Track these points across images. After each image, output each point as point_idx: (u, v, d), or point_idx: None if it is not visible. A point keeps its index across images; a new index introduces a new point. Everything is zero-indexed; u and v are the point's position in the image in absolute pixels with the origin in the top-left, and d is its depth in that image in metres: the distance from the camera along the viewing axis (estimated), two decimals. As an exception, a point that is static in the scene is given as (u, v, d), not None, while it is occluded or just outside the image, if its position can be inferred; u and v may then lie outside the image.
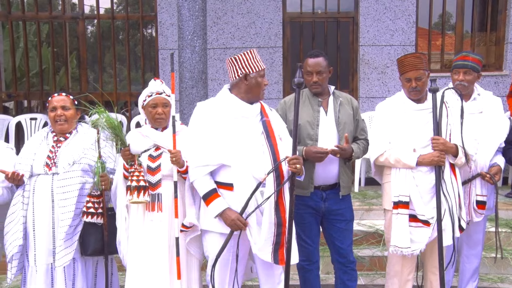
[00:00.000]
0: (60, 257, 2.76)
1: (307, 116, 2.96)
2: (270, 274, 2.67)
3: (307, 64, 2.98)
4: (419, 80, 2.88)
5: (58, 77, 8.96)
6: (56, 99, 2.92)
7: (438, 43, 6.56)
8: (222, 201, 2.54)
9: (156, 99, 2.75)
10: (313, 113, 2.97)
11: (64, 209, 2.76)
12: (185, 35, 4.68)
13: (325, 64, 2.98)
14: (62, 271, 2.80)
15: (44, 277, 2.80)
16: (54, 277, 2.81)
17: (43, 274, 2.80)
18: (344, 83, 6.28)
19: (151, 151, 2.76)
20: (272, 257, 2.53)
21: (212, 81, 6.12)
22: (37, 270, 2.80)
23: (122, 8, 11.32)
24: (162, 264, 2.70)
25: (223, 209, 2.52)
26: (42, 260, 2.80)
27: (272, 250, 2.53)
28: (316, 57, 2.97)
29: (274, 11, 6.18)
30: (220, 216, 2.53)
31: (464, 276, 3.47)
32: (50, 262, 2.81)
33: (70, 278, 2.83)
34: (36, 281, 2.80)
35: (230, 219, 2.49)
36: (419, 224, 2.87)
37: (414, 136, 2.91)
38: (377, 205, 4.82)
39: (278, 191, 2.52)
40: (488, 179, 3.11)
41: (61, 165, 2.81)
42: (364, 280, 4.05)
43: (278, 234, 2.51)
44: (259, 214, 2.53)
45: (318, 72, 2.95)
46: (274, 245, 2.52)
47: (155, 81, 2.80)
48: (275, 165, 2.51)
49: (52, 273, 2.82)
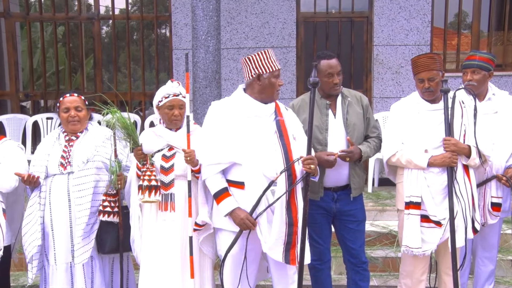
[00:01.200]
0: (78, 255, 2.81)
1: (315, 120, 2.87)
2: (283, 274, 2.67)
3: (325, 66, 2.89)
4: (432, 81, 2.86)
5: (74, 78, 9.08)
6: (69, 99, 2.94)
7: (454, 42, 6.48)
8: (232, 200, 2.55)
9: (173, 100, 2.76)
10: (321, 117, 2.93)
11: (80, 207, 2.80)
12: (199, 35, 4.70)
13: (340, 65, 2.95)
14: (81, 268, 2.84)
15: (64, 275, 2.85)
16: (73, 275, 2.86)
17: (63, 272, 2.85)
18: (358, 83, 6.25)
19: (164, 151, 2.78)
20: (283, 256, 2.54)
21: (225, 81, 6.15)
22: (58, 268, 2.84)
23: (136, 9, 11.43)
24: (175, 263, 2.72)
25: (232, 209, 2.53)
26: (62, 258, 2.84)
27: (284, 250, 2.53)
28: (331, 58, 2.91)
29: (288, 11, 6.17)
30: (230, 215, 2.54)
31: (480, 279, 3.42)
32: (70, 261, 2.85)
33: (89, 275, 2.88)
34: (57, 280, 2.84)
35: (239, 218, 2.51)
36: (431, 224, 2.85)
37: (426, 136, 2.89)
38: (391, 206, 4.79)
39: (290, 191, 2.52)
40: (504, 181, 3.07)
41: (75, 164, 2.85)
42: (377, 281, 4.02)
43: (289, 234, 2.51)
44: (270, 213, 2.53)
45: (338, 73, 2.91)
46: (285, 245, 2.52)
47: (172, 82, 2.81)
48: (288, 165, 2.51)
49: (72, 271, 2.86)
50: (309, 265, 3.06)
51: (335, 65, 2.90)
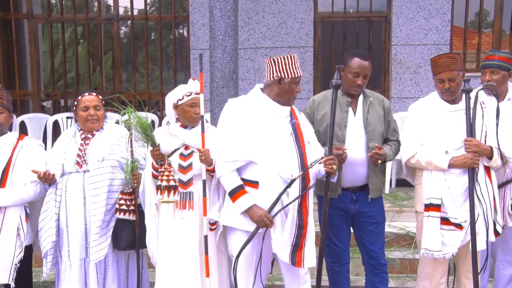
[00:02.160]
0: (94, 252, 2.84)
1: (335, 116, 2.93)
2: (295, 274, 2.67)
3: (355, 64, 2.86)
4: (453, 81, 2.82)
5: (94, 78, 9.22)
6: (88, 98, 2.98)
7: (474, 42, 6.37)
8: (249, 197, 2.55)
9: (196, 98, 2.77)
10: (341, 114, 2.92)
11: (95, 205, 2.84)
12: (216, 35, 4.72)
13: (371, 70, 2.92)
14: (94, 265, 2.89)
15: (78, 271, 2.90)
16: (87, 271, 2.91)
17: (77, 268, 2.90)
18: (375, 83, 6.20)
19: (181, 149, 2.80)
20: (290, 258, 2.54)
21: (242, 81, 6.16)
22: (71, 265, 2.90)
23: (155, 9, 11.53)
24: (193, 262, 2.74)
25: (250, 205, 2.53)
26: (76, 255, 2.89)
27: (291, 251, 2.54)
28: (366, 60, 2.88)
29: (305, 10, 6.16)
30: (247, 212, 2.54)
31: (500, 283, 3.36)
32: (83, 257, 2.90)
33: (102, 271, 2.92)
34: (71, 276, 2.90)
35: (258, 215, 2.51)
36: (452, 227, 2.81)
37: (447, 137, 2.85)
38: (408, 207, 4.74)
39: (303, 194, 2.52)
40: None
41: (91, 163, 2.89)
42: (395, 283, 3.98)
43: (298, 236, 2.52)
44: (283, 215, 2.54)
45: (365, 76, 2.89)
46: (292, 246, 2.53)
47: (193, 80, 2.83)
48: (311, 164, 2.51)
49: (85, 268, 2.92)
50: (327, 267, 3.06)
51: (365, 67, 2.87)
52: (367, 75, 2.90)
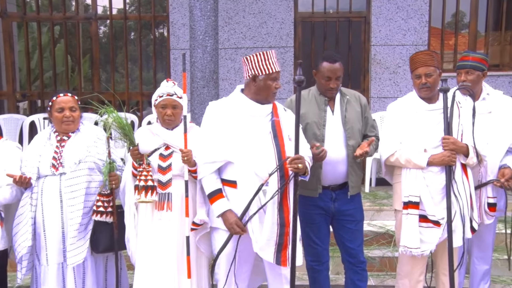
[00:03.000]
0: (72, 256, 2.79)
1: (313, 116, 2.93)
2: (277, 273, 2.67)
3: (325, 68, 2.88)
4: (429, 77, 2.86)
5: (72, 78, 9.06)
6: (63, 99, 2.91)
7: (451, 42, 6.49)
8: (225, 202, 2.56)
9: (166, 100, 2.77)
10: (319, 113, 2.93)
11: (73, 208, 2.79)
12: (196, 35, 4.70)
13: (343, 69, 2.93)
14: (72, 269, 2.84)
15: (56, 276, 2.85)
16: (65, 275, 2.86)
17: (55, 272, 2.84)
18: (355, 83, 6.25)
19: (161, 150, 2.78)
20: (274, 257, 2.53)
21: (223, 81, 6.14)
22: (49, 269, 2.84)
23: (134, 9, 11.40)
24: (171, 263, 2.72)
25: (224, 211, 2.54)
26: (54, 259, 2.84)
27: (275, 250, 2.53)
28: (335, 62, 2.88)
29: (286, 11, 6.17)
30: (221, 216, 2.56)
31: (475, 278, 3.43)
32: (61, 261, 2.85)
33: (80, 276, 2.87)
34: (49, 280, 2.84)
35: (229, 223, 2.53)
36: (430, 224, 2.85)
37: (425, 136, 2.89)
38: (388, 206, 4.79)
39: (282, 191, 2.51)
40: (499, 185, 3.07)
41: (67, 165, 2.84)
42: (375, 281, 4.02)
43: (281, 234, 2.51)
44: (262, 213, 2.53)
45: (337, 78, 2.90)
46: (277, 245, 2.52)
47: (167, 82, 2.82)
48: (277, 166, 2.50)
49: (63, 272, 2.86)
50: (307, 266, 3.07)
51: (335, 69, 2.88)
52: (339, 76, 2.91)
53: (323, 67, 2.90)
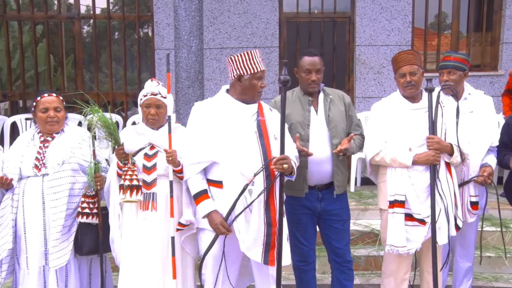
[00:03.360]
0: (54, 258, 2.75)
1: (297, 116, 2.94)
2: (264, 273, 2.67)
3: (305, 62, 2.94)
4: (413, 75, 2.89)
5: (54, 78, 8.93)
6: (48, 99, 2.87)
7: (434, 43, 6.57)
8: (210, 203, 2.56)
9: (150, 99, 2.76)
10: (303, 113, 2.95)
11: (55, 209, 2.75)
12: (181, 35, 4.67)
13: (322, 63, 2.98)
14: (54, 272, 2.79)
15: (37, 279, 2.79)
16: (46, 279, 2.81)
17: (36, 276, 2.79)
18: (340, 83, 6.29)
19: (146, 149, 2.76)
20: (262, 257, 2.53)
21: (208, 81, 6.12)
22: (29, 272, 2.79)
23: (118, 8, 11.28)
24: (155, 263, 2.70)
25: (209, 211, 2.54)
26: (35, 262, 2.79)
27: (263, 250, 2.52)
28: (314, 56, 2.94)
29: (271, 11, 6.18)
30: (207, 217, 2.55)
31: (458, 276, 3.48)
32: (42, 264, 2.80)
33: (63, 279, 2.83)
34: (29, 285, 2.78)
35: (214, 223, 2.52)
36: (415, 223, 2.88)
37: (409, 135, 2.92)
38: (373, 205, 4.83)
39: (269, 191, 2.51)
40: (480, 182, 3.12)
41: (50, 166, 2.79)
42: (360, 280, 4.05)
43: (268, 234, 2.51)
44: (248, 213, 2.53)
45: (317, 71, 2.92)
46: (264, 245, 2.52)
47: (151, 81, 2.80)
48: (262, 166, 2.49)
49: (45, 275, 2.81)
50: (294, 266, 3.08)
51: (314, 62, 2.92)
52: (319, 69, 2.94)
53: (303, 61, 2.96)
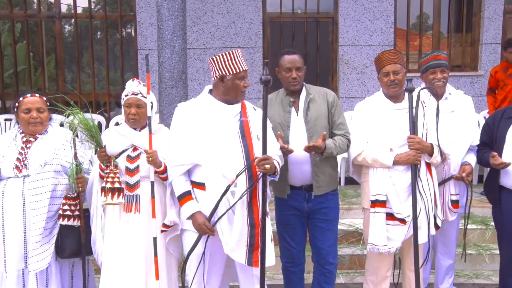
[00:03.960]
0: (34, 261, 2.70)
1: (278, 118, 2.92)
2: (249, 274, 2.66)
3: (285, 60, 2.93)
4: (397, 74, 2.91)
5: (35, 78, 8.77)
6: (31, 100, 2.83)
7: (416, 43, 6.65)
8: (193, 204, 2.55)
9: (131, 99, 2.74)
10: (284, 114, 2.93)
11: (36, 211, 2.71)
12: (164, 35, 4.64)
13: (302, 61, 2.97)
14: (34, 276, 2.74)
15: (15, 284, 2.74)
16: (26, 282, 2.76)
17: (14, 279, 2.74)
18: (324, 83, 6.31)
19: (129, 151, 2.74)
20: (246, 258, 2.52)
21: (192, 81, 6.10)
22: (7, 276, 2.73)
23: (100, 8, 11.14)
24: (138, 265, 2.69)
25: (192, 212, 2.53)
26: (13, 265, 2.74)
27: (247, 251, 2.52)
28: (293, 54, 2.94)
29: (254, 11, 6.18)
30: (191, 218, 2.54)
31: (440, 273, 3.53)
32: (22, 268, 2.75)
33: (43, 283, 2.78)
34: (7, 287, 2.73)
35: (197, 224, 2.51)
36: (396, 222, 2.91)
37: (391, 135, 2.94)
38: (357, 204, 4.86)
39: (251, 192, 2.50)
40: (460, 179, 3.17)
41: (32, 167, 2.75)
42: (344, 279, 4.08)
43: (251, 235, 2.50)
44: (231, 214, 2.52)
45: (297, 68, 2.91)
46: (248, 246, 2.51)
47: (132, 81, 2.78)
48: (245, 166, 2.48)
49: (24, 278, 2.76)
50: (282, 267, 3.07)
51: (294, 60, 2.91)
52: (299, 67, 2.93)
53: (282, 60, 2.95)
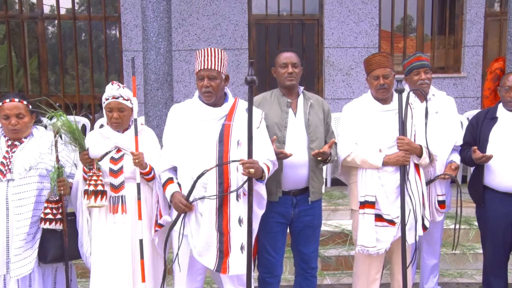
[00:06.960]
0: (16, 267, 2.64)
1: (275, 117, 2.86)
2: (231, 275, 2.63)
3: (281, 57, 2.91)
4: (386, 78, 2.92)
5: (17, 79, 8.63)
6: (9, 106, 2.73)
7: (400, 45, 6.72)
8: (174, 186, 2.60)
9: (112, 103, 2.70)
10: (281, 114, 2.87)
11: (20, 216, 2.65)
12: (149, 36, 4.61)
13: (298, 60, 2.95)
14: (16, 282, 2.68)
15: None
16: None
17: None
18: (309, 84, 6.34)
19: (112, 153, 2.72)
20: (216, 264, 2.49)
21: (177, 83, 6.07)
22: None
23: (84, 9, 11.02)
24: (125, 266, 2.67)
25: (172, 192, 2.57)
26: None
27: (217, 257, 2.49)
28: (289, 51, 2.94)
29: (240, 13, 6.18)
30: (171, 199, 2.58)
31: (425, 272, 3.56)
32: (4, 273, 2.68)
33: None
34: None
35: (174, 202, 2.55)
36: (385, 223, 2.91)
37: (380, 136, 2.93)
38: (343, 206, 4.88)
39: (222, 198, 2.47)
40: (447, 176, 3.20)
41: (16, 171, 2.69)
42: (331, 280, 4.09)
43: (220, 242, 2.49)
44: (199, 217, 2.52)
45: (293, 64, 2.89)
46: (218, 253, 2.49)
47: (112, 84, 2.73)
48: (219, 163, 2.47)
49: (5, 285, 2.69)
50: (259, 277, 2.99)
51: (290, 56, 2.90)
52: (295, 63, 2.91)
53: (279, 57, 2.94)
